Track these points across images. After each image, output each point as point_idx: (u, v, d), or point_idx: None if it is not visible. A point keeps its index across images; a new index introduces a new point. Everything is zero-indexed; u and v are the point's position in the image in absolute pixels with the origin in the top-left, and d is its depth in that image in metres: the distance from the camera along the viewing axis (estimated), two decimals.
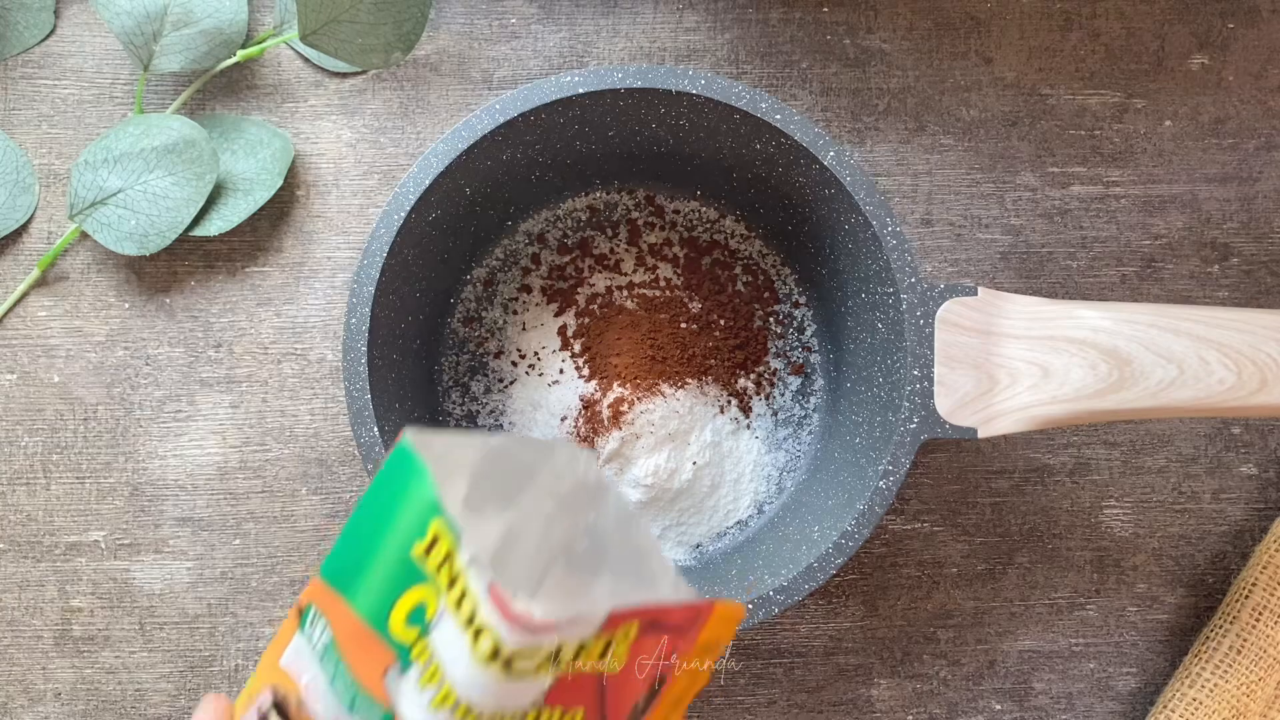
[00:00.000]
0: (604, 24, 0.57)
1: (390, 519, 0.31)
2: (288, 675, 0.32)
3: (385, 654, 0.30)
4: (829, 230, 0.50)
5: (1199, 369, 0.45)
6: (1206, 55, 0.58)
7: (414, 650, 0.30)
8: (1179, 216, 0.58)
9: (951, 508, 0.57)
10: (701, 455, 0.54)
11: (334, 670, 0.31)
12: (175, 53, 0.55)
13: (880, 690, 0.56)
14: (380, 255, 0.47)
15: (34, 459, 0.56)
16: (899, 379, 0.47)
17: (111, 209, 0.54)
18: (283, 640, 0.33)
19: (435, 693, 0.29)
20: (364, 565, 0.31)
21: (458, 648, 0.29)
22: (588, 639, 0.30)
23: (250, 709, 0.33)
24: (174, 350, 0.56)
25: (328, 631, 0.32)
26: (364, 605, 0.31)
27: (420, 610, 0.30)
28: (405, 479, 0.31)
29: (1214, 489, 0.57)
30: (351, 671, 0.31)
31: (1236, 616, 0.54)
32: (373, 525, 0.31)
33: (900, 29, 0.58)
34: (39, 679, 0.55)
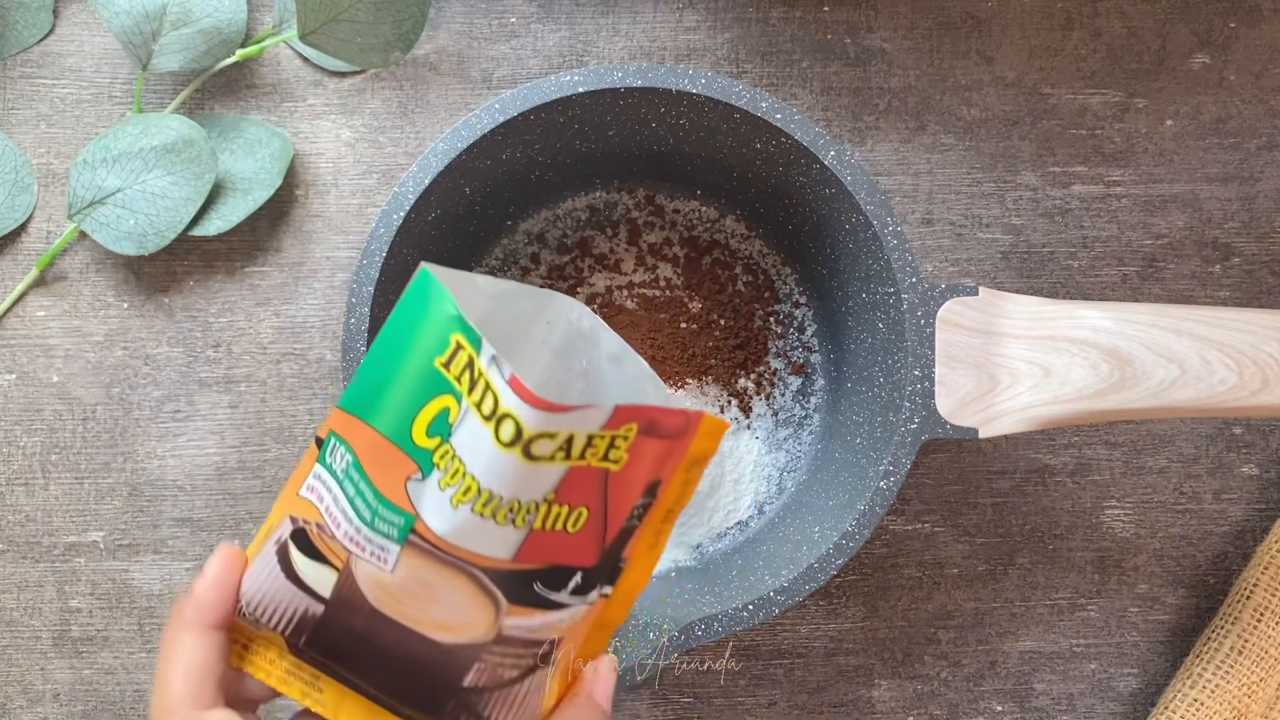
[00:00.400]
0: (604, 23, 0.57)
1: (412, 338, 0.33)
2: (308, 503, 0.34)
3: (407, 464, 0.32)
4: (829, 230, 0.50)
5: (1200, 369, 0.45)
6: (1208, 55, 0.58)
7: (435, 455, 0.32)
8: (1180, 216, 0.58)
9: (952, 508, 0.57)
10: None
11: (355, 489, 0.33)
12: (174, 52, 0.54)
13: (881, 691, 0.56)
14: (379, 255, 0.47)
15: (33, 459, 0.56)
16: (900, 379, 0.47)
17: (110, 209, 0.54)
18: (302, 474, 0.35)
19: (456, 490, 0.31)
20: (385, 388, 0.33)
21: (480, 440, 0.31)
22: (595, 432, 0.32)
23: (268, 543, 0.34)
24: (173, 350, 0.56)
25: (349, 454, 0.33)
26: (385, 424, 0.33)
27: (442, 417, 0.32)
28: (425, 301, 0.33)
29: (1215, 489, 0.57)
30: (373, 485, 0.32)
31: (1238, 617, 0.54)
32: (394, 349, 0.33)
33: (901, 28, 0.58)
34: (38, 680, 0.55)
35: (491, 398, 0.31)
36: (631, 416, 0.33)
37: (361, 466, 0.33)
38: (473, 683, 0.33)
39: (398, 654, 0.33)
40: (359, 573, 0.33)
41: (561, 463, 0.32)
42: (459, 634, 0.33)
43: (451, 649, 0.33)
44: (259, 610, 0.34)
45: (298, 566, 0.34)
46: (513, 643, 0.33)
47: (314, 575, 0.33)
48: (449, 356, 0.32)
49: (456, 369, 0.32)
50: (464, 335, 0.32)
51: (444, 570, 0.32)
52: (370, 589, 0.33)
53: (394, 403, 0.33)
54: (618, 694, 0.55)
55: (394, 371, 0.33)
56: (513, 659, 0.33)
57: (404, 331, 0.33)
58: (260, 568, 0.35)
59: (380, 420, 0.33)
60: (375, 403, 0.33)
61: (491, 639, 0.33)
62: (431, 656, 0.33)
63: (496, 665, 0.33)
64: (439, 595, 0.32)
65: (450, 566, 0.32)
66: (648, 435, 0.33)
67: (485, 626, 0.33)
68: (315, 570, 0.33)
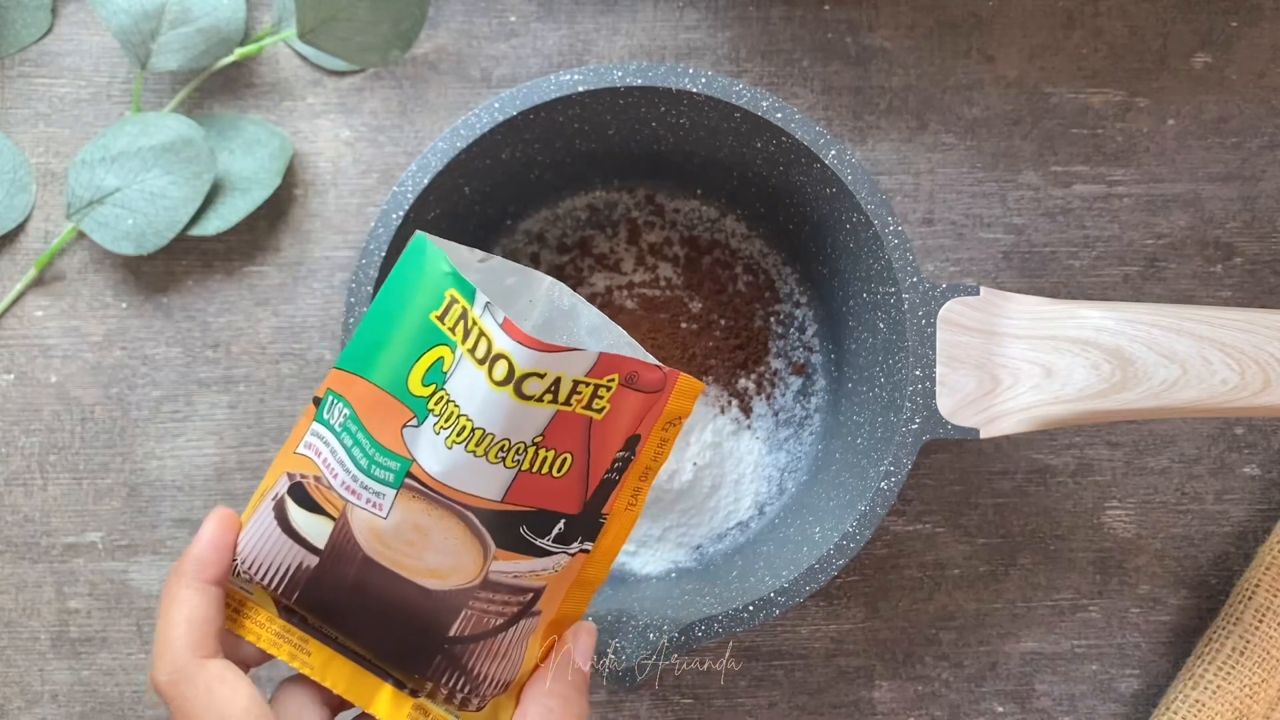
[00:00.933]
0: (604, 22, 0.57)
1: (408, 297, 0.35)
2: (305, 459, 0.36)
3: (403, 413, 0.34)
4: (830, 229, 0.50)
5: (1202, 369, 0.45)
6: (1209, 54, 0.58)
7: (430, 402, 0.34)
8: (1182, 216, 0.57)
9: (953, 509, 0.56)
10: (702, 456, 0.54)
11: (353, 439, 0.35)
12: (173, 51, 0.54)
13: (882, 692, 0.56)
14: (379, 255, 0.47)
15: (31, 460, 0.56)
16: (901, 379, 0.47)
17: (109, 208, 0.54)
18: (299, 434, 0.36)
19: (450, 431, 0.33)
20: (383, 344, 0.35)
21: (475, 381, 0.33)
22: (580, 378, 0.34)
23: (264, 501, 0.36)
24: (171, 350, 0.56)
25: (347, 408, 0.35)
26: (382, 377, 0.35)
27: (436, 366, 0.34)
28: (420, 262, 0.35)
29: (1217, 490, 0.57)
30: (370, 435, 0.34)
31: (1239, 618, 0.54)
32: (390, 309, 0.35)
33: (902, 27, 0.57)
34: (36, 681, 0.55)
35: (485, 342, 0.34)
36: (613, 366, 0.34)
37: (359, 418, 0.35)
38: (459, 631, 0.35)
39: (387, 605, 0.34)
40: (355, 521, 0.34)
41: (550, 405, 0.34)
42: (448, 579, 0.34)
43: (440, 596, 0.34)
44: (254, 567, 0.36)
45: (294, 519, 0.35)
46: (499, 588, 0.35)
47: (310, 527, 0.35)
48: (444, 310, 0.34)
49: (451, 320, 0.34)
50: (458, 289, 0.34)
51: (437, 512, 0.34)
52: (365, 537, 0.34)
53: (391, 357, 0.35)
54: (618, 695, 0.55)
55: (391, 328, 0.35)
56: (498, 605, 0.35)
57: (400, 291, 0.35)
58: (256, 524, 0.36)
59: (377, 374, 0.35)
60: (372, 358, 0.35)
61: (479, 583, 0.35)
62: (421, 605, 0.34)
63: (482, 612, 0.35)
64: (431, 539, 0.34)
65: (443, 508, 0.34)
66: (628, 387, 0.35)
67: (474, 570, 0.34)
68: (311, 522, 0.35)
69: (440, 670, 0.35)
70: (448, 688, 0.36)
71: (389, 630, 0.35)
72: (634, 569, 0.55)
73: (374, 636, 0.35)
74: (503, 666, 0.36)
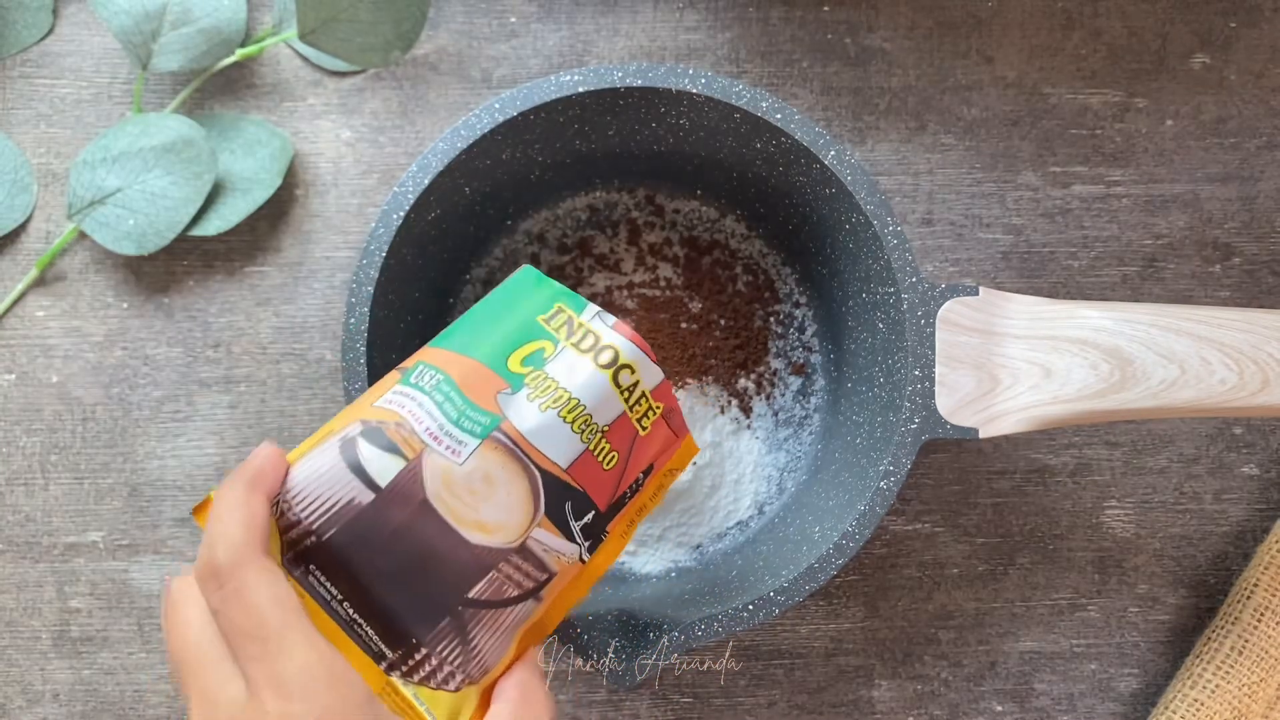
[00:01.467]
0: (604, 23, 0.57)
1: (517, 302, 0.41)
2: (386, 410, 0.38)
3: (499, 383, 0.38)
4: (830, 230, 0.50)
5: (1201, 369, 0.45)
6: (1208, 54, 0.58)
7: (526, 378, 0.39)
8: (1180, 216, 0.58)
9: (952, 508, 0.56)
10: (702, 456, 0.54)
11: (444, 396, 0.38)
12: (173, 52, 0.54)
13: (881, 691, 0.56)
14: (379, 255, 0.47)
15: (32, 459, 0.56)
16: (900, 379, 0.47)
17: (110, 208, 0.54)
18: (375, 394, 0.39)
19: (546, 399, 0.38)
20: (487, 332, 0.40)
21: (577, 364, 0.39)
22: (647, 390, 0.40)
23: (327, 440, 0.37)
24: (172, 350, 0.56)
25: (440, 374, 0.39)
26: (483, 354, 0.39)
27: (537, 354, 0.39)
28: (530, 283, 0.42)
29: (1216, 489, 0.57)
30: (464, 395, 0.38)
31: (1238, 617, 0.54)
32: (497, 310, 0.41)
33: (901, 28, 0.58)
34: (37, 680, 0.55)
35: (592, 337, 0.39)
36: (665, 396, 0.41)
37: (454, 382, 0.38)
38: (479, 593, 0.37)
39: (422, 553, 0.36)
40: (427, 464, 0.37)
41: (623, 402, 0.39)
42: (493, 535, 0.37)
43: (478, 551, 0.37)
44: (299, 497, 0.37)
45: (363, 455, 0.37)
46: (529, 557, 0.38)
47: (378, 464, 0.37)
48: (551, 315, 0.40)
49: (556, 324, 0.40)
50: (567, 303, 0.41)
51: (512, 466, 0.37)
52: (433, 480, 0.37)
53: (494, 341, 0.39)
54: (618, 694, 0.55)
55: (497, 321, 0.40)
56: (520, 575, 0.37)
57: (509, 299, 0.41)
58: (315, 458, 0.37)
59: (479, 352, 0.39)
60: (475, 342, 0.40)
61: (516, 546, 0.37)
62: (455, 558, 0.36)
63: (506, 579, 0.37)
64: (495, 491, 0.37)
65: (518, 463, 0.37)
66: (665, 420, 0.41)
67: (518, 531, 0.37)
68: (382, 460, 0.37)
69: (440, 636, 0.36)
70: (438, 657, 0.36)
71: (411, 581, 0.36)
72: (634, 568, 0.55)
73: (391, 586, 0.36)
74: (493, 647, 0.37)
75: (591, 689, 0.56)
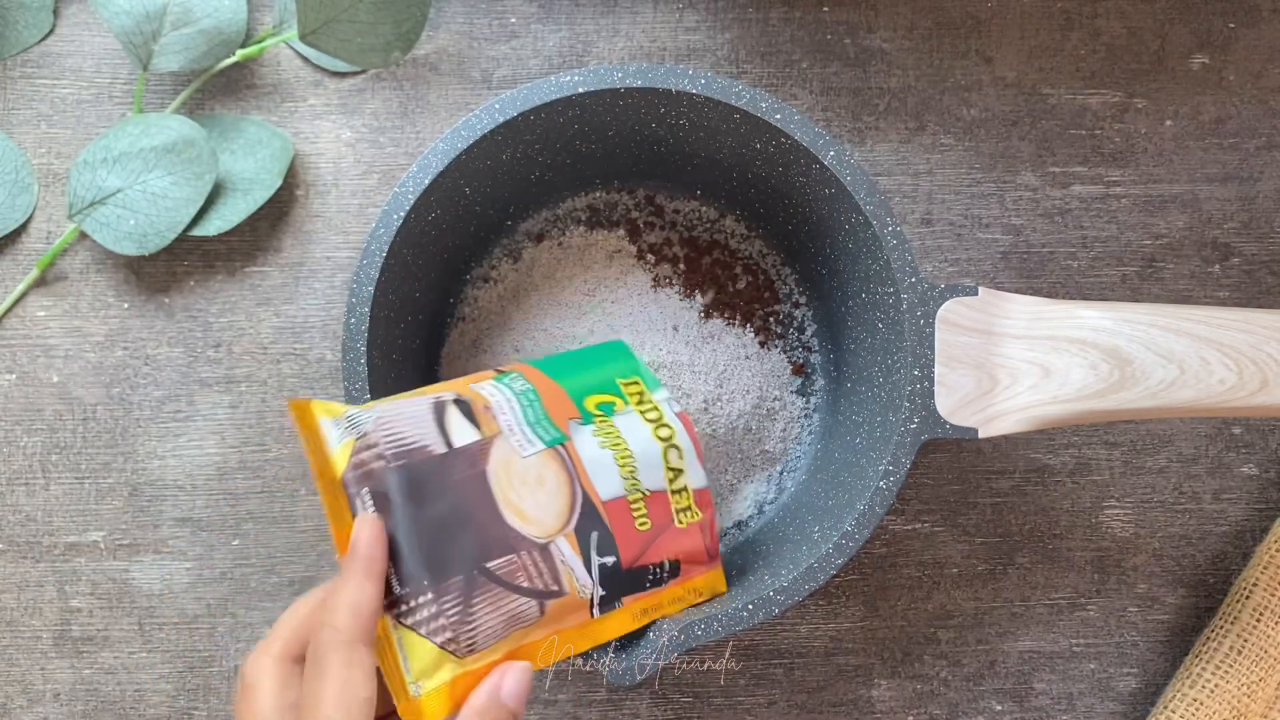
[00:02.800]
0: (604, 23, 0.57)
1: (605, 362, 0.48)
2: (479, 394, 0.44)
3: (573, 412, 0.45)
4: (829, 230, 0.50)
5: (1200, 369, 0.45)
6: (1207, 55, 0.58)
7: (595, 419, 0.45)
8: (1180, 216, 0.58)
9: (952, 508, 0.57)
10: None
11: (528, 402, 0.44)
12: (174, 52, 0.55)
13: (881, 691, 0.56)
14: (379, 255, 0.47)
15: (33, 459, 0.56)
16: (899, 379, 0.47)
17: (110, 209, 0.54)
18: (475, 379, 0.45)
19: (606, 440, 0.44)
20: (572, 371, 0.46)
21: (640, 427, 0.45)
22: (690, 489, 0.46)
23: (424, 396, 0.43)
24: (173, 350, 0.56)
25: (529, 385, 0.45)
26: (568, 385, 0.46)
27: (609, 405, 0.46)
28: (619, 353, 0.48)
29: (1215, 489, 0.57)
30: (544, 408, 0.44)
31: (1237, 617, 0.54)
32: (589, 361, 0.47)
33: (901, 28, 0.58)
34: (38, 679, 0.55)
35: (657, 413, 0.46)
36: (706, 507, 0.46)
37: (539, 395, 0.44)
38: (495, 567, 0.40)
39: (462, 513, 0.40)
40: (497, 447, 0.42)
41: (667, 480, 0.45)
42: (526, 525, 0.41)
43: (509, 530, 0.41)
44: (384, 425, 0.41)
45: (449, 418, 0.42)
46: (547, 559, 0.41)
47: (459, 429, 0.42)
48: (628, 382, 0.47)
49: (630, 390, 0.47)
50: (643, 379, 0.47)
51: (561, 476, 0.43)
52: (496, 460, 0.42)
53: (578, 381, 0.46)
54: (618, 693, 0.55)
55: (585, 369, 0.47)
56: (533, 571, 0.41)
57: (599, 358, 0.48)
58: (407, 403, 0.42)
59: (563, 382, 0.46)
60: (563, 374, 0.46)
61: (540, 544, 0.41)
62: (487, 528, 0.41)
63: (521, 567, 0.41)
64: (542, 490, 0.42)
65: (567, 475, 0.43)
66: (700, 531, 0.46)
67: (547, 530, 0.42)
68: (464, 427, 0.42)
69: (450, 589, 0.39)
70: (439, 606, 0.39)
71: (444, 532, 0.40)
72: None
73: (425, 530, 0.39)
74: (487, 628, 0.40)
75: (592, 689, 0.56)
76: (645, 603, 0.44)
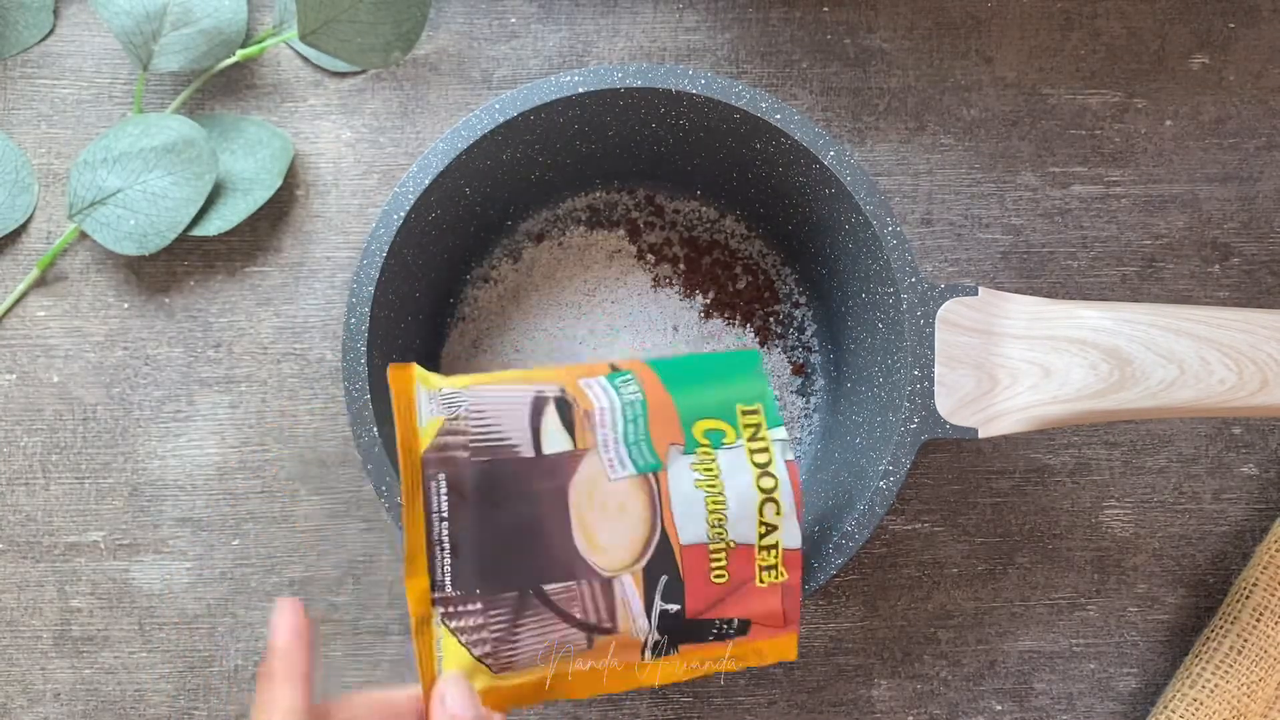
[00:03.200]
0: (604, 23, 0.57)
1: (730, 380, 0.42)
2: (584, 393, 0.41)
3: (678, 434, 0.41)
4: (829, 230, 0.50)
5: (1200, 369, 0.45)
6: (1207, 55, 0.58)
7: (699, 449, 0.41)
8: (1180, 216, 0.58)
9: (952, 508, 0.57)
10: None
11: (633, 417, 0.40)
12: (174, 52, 0.55)
13: (880, 691, 0.56)
14: (379, 255, 0.47)
15: (33, 459, 0.56)
16: (899, 379, 0.47)
17: (111, 209, 0.54)
18: (583, 372, 0.42)
19: (702, 478, 0.40)
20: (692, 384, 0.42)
21: (743, 470, 0.41)
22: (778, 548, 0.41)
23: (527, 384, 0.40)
24: (173, 350, 0.56)
25: (641, 395, 0.41)
26: (681, 402, 0.41)
27: (718, 434, 0.41)
28: (749, 370, 0.43)
29: (1215, 489, 0.57)
30: (647, 428, 0.40)
31: (1237, 617, 0.54)
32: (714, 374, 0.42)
33: (901, 28, 0.58)
34: (38, 679, 0.55)
35: (766, 455, 0.41)
36: (794, 570, 0.41)
37: (647, 409, 0.41)
38: (552, 591, 0.39)
39: (533, 527, 0.39)
40: (586, 462, 0.39)
41: (757, 535, 0.41)
42: (594, 554, 0.39)
43: (575, 555, 0.39)
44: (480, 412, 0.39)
45: (545, 419, 0.39)
46: (606, 593, 0.39)
47: (553, 434, 0.39)
48: (749, 410, 0.42)
49: (747, 421, 0.42)
50: (765, 408, 0.42)
51: (644, 510, 0.40)
52: (582, 476, 0.39)
53: (694, 398, 0.41)
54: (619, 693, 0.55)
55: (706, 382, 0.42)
56: (590, 604, 0.39)
57: (726, 370, 0.43)
58: (509, 390, 0.40)
59: (680, 399, 0.41)
60: (681, 386, 0.42)
61: (604, 577, 0.39)
62: (553, 549, 0.39)
63: (578, 596, 0.39)
64: (621, 520, 0.39)
65: (651, 510, 0.40)
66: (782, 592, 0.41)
67: (615, 565, 0.39)
68: (558, 433, 0.39)
69: (501, 603, 0.38)
70: (486, 618, 0.38)
71: (509, 542, 0.38)
72: None
73: (493, 536, 0.38)
74: (528, 648, 0.39)
75: None
76: (701, 655, 0.42)
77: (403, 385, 0.39)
